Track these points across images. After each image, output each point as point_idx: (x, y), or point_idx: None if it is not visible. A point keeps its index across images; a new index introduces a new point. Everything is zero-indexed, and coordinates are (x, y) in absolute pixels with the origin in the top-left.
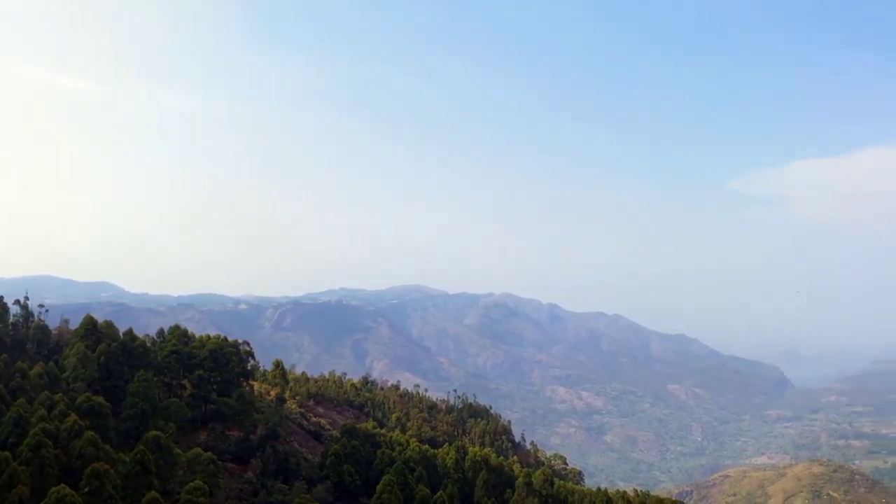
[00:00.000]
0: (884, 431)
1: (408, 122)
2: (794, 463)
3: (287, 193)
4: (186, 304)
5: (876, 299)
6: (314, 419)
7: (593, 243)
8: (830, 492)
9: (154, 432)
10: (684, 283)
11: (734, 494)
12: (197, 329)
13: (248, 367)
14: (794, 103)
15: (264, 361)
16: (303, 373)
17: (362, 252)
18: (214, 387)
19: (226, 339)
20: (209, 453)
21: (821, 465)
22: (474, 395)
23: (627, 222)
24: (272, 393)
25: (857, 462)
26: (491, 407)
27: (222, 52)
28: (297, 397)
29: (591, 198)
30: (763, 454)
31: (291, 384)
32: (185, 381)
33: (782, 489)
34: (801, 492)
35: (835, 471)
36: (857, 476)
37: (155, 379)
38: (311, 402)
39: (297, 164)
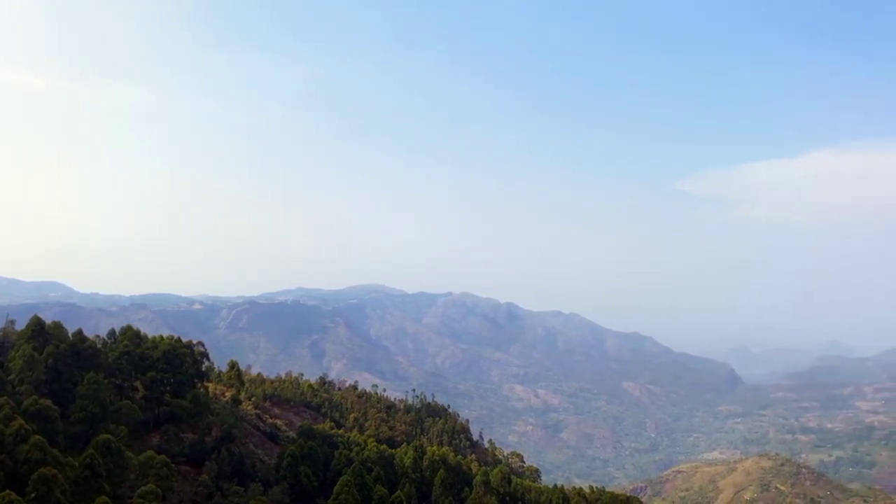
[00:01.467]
0: (828, 426)
1: (369, 120)
2: (743, 457)
3: (243, 192)
4: (139, 304)
5: (820, 298)
6: (270, 420)
7: (551, 243)
8: (778, 485)
9: (104, 436)
10: (639, 281)
11: (687, 489)
12: (150, 330)
13: (203, 369)
14: (744, 105)
15: (219, 362)
16: (259, 374)
17: (320, 252)
18: (168, 388)
19: (179, 339)
20: (162, 456)
21: (769, 459)
22: (433, 395)
23: (583, 223)
24: (227, 394)
25: (803, 456)
26: (449, 406)
27: (178, 49)
28: (252, 398)
29: (548, 199)
30: (714, 449)
31: (247, 385)
32: (137, 383)
33: (732, 483)
34: (751, 485)
35: (782, 465)
36: (803, 469)
37: (105, 381)
38: (268, 404)
39: (254, 162)
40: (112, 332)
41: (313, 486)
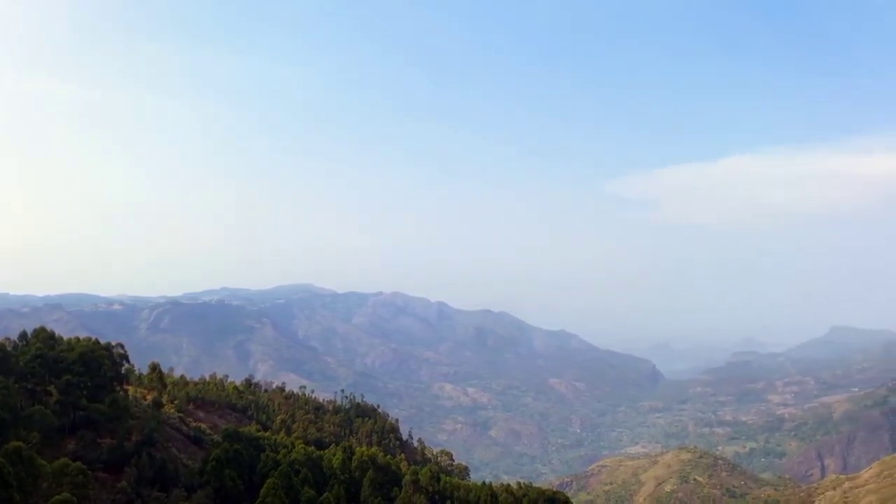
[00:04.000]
0: (743, 419)
1: (297, 119)
2: (664, 451)
3: (165, 190)
4: (53, 304)
5: (736, 296)
6: (194, 424)
7: (481, 243)
8: (697, 477)
9: (15, 443)
10: (566, 280)
11: (611, 483)
12: (65, 331)
13: (123, 371)
14: (668, 110)
15: (140, 364)
16: (182, 376)
17: (247, 251)
18: (84, 392)
19: (97, 341)
20: (78, 463)
21: (688, 452)
22: (362, 395)
23: (515, 223)
24: (148, 397)
25: (719, 448)
26: (379, 406)
27: (101, 41)
28: (175, 401)
29: (480, 199)
30: (637, 443)
31: (169, 388)
32: (51, 388)
33: (654, 476)
34: (671, 478)
35: (700, 457)
36: (719, 461)
37: (16, 385)
38: (191, 406)
39: (177, 160)
40: (24, 335)
41: (239, 490)
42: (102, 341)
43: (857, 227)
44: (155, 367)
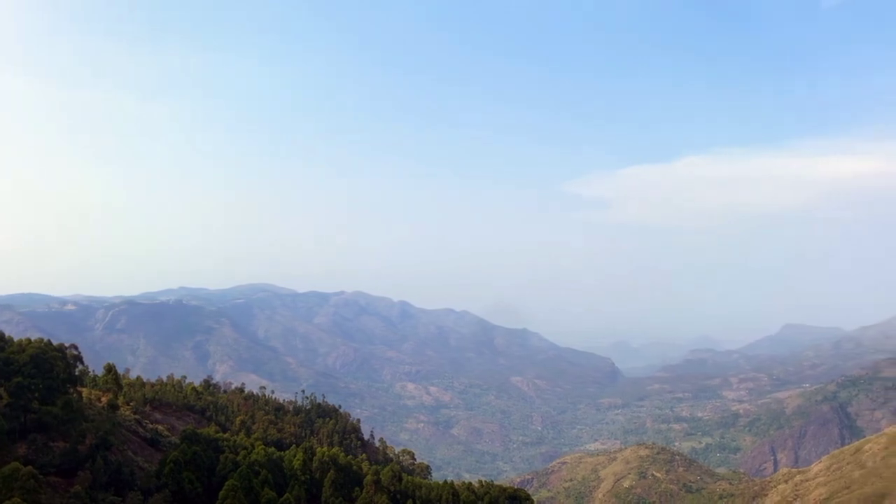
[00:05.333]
0: (699, 415)
1: (253, 116)
2: (623, 447)
3: (121, 189)
4: (4, 304)
5: (692, 294)
6: (151, 426)
7: (444, 243)
8: (654, 472)
9: None
10: (528, 279)
11: (571, 480)
12: (16, 332)
13: (76, 373)
14: (626, 113)
15: (95, 366)
16: (138, 377)
17: (206, 251)
18: (36, 395)
19: (50, 342)
20: (29, 468)
21: (646, 448)
22: (323, 395)
23: (476, 222)
24: (103, 399)
25: (676, 443)
26: (340, 406)
27: (44, 35)
28: (131, 403)
29: (442, 199)
30: (597, 440)
31: (125, 389)
32: (0, 390)
33: (613, 472)
34: (630, 473)
35: (658, 452)
36: (676, 457)
37: None
38: (148, 408)
39: (133, 157)
40: None
41: (197, 493)
42: (55, 342)
43: (808, 227)
44: (110, 369)
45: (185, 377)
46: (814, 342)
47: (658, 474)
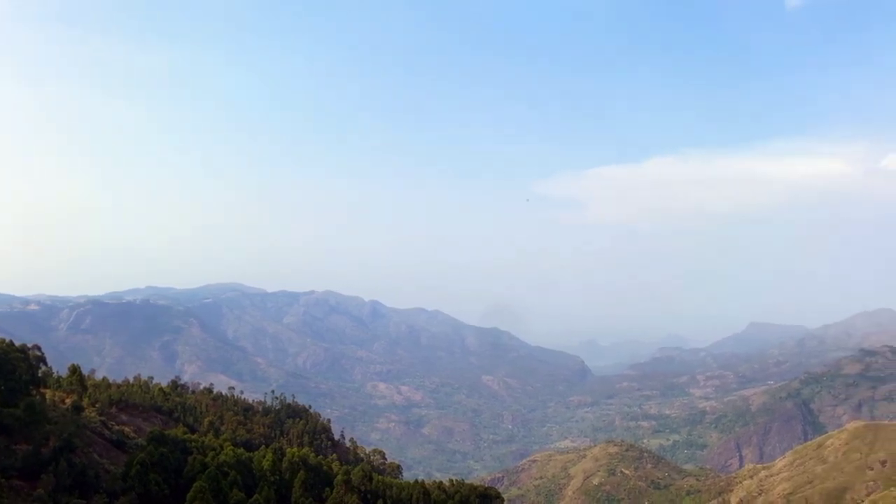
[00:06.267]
0: (667, 412)
1: (218, 114)
2: (592, 445)
3: (84, 186)
4: None
5: (660, 293)
6: (117, 427)
7: (416, 242)
8: (623, 469)
9: None
10: (499, 278)
11: (541, 477)
12: None
13: (39, 374)
14: (596, 113)
15: (59, 367)
16: (104, 378)
17: (173, 249)
18: None
19: (12, 343)
20: None
21: (615, 445)
22: (293, 396)
23: (445, 222)
24: (67, 401)
25: (645, 441)
26: (310, 406)
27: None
28: (96, 405)
29: (413, 198)
30: (566, 438)
31: (90, 391)
32: None
33: (582, 469)
34: (599, 471)
35: (627, 450)
36: (645, 454)
37: None
38: (114, 410)
39: (96, 153)
40: None
41: (164, 495)
42: (17, 343)
43: (773, 227)
44: (75, 370)
45: (152, 378)
46: (778, 340)
47: (627, 471)
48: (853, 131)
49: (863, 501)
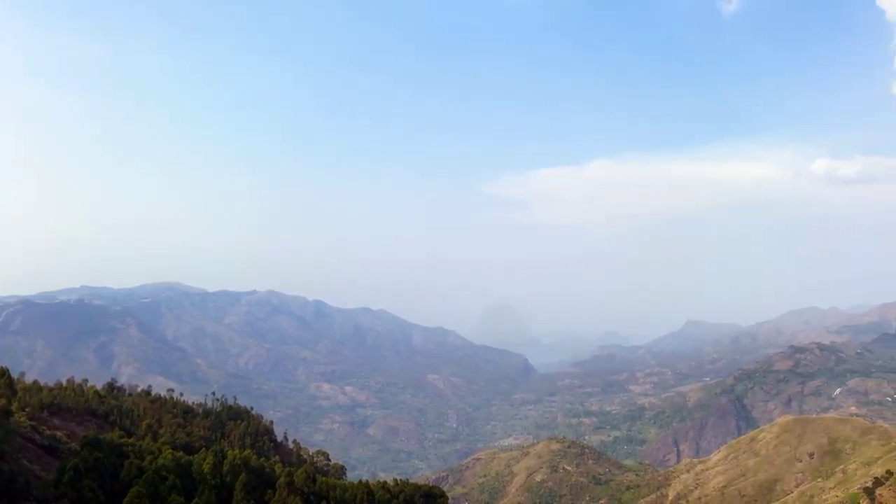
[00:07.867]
0: (607, 409)
1: (165, 111)
2: (536, 442)
3: (14, 181)
4: None
5: (600, 292)
6: (49, 432)
7: (361, 242)
8: (565, 465)
9: None
10: (444, 278)
11: (485, 475)
12: None
13: None
14: (539, 115)
15: None
16: (35, 381)
17: (109, 248)
18: None
19: None
20: None
21: (558, 442)
22: (234, 397)
23: (393, 223)
24: None
25: (586, 437)
26: (252, 408)
27: None
28: (27, 409)
29: (359, 198)
30: (510, 436)
31: (20, 394)
32: None
33: (526, 467)
34: (542, 468)
35: (569, 446)
36: (586, 450)
37: None
38: (46, 414)
39: (29, 149)
40: None
41: (99, 501)
42: None
43: (709, 228)
44: (3, 373)
45: (86, 380)
46: (714, 338)
47: (569, 468)
48: (784, 136)
49: (792, 492)
